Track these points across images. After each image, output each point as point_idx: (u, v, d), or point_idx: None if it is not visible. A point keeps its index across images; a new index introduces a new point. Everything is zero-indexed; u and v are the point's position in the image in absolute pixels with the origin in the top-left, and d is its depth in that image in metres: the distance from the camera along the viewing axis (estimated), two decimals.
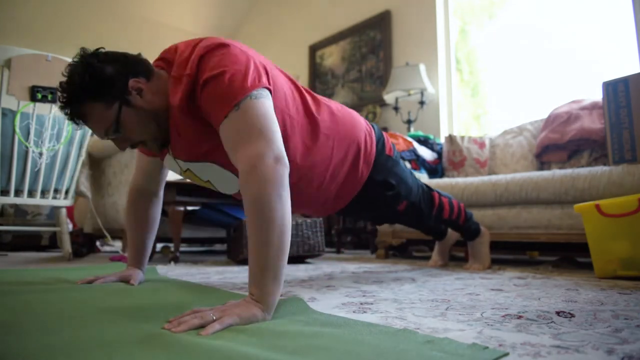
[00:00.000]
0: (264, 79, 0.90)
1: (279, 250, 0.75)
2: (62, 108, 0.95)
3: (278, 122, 0.89)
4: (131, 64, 0.96)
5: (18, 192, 2.09)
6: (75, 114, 0.95)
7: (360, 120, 1.27)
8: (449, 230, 1.86)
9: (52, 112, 2.08)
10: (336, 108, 1.20)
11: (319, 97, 1.18)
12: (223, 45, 0.92)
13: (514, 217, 1.92)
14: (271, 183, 0.77)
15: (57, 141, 2.14)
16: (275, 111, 0.90)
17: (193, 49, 0.94)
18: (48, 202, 2.18)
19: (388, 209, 1.39)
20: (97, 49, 0.98)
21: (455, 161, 2.65)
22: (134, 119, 0.96)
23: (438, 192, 1.57)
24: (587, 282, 1.29)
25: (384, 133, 1.38)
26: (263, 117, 0.84)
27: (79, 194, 2.50)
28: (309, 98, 1.12)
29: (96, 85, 0.91)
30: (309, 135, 1.09)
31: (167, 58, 1.02)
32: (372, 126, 1.33)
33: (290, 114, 1.03)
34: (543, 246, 2.22)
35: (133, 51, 1.03)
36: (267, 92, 0.90)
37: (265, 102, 0.87)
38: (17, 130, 2.01)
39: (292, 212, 0.86)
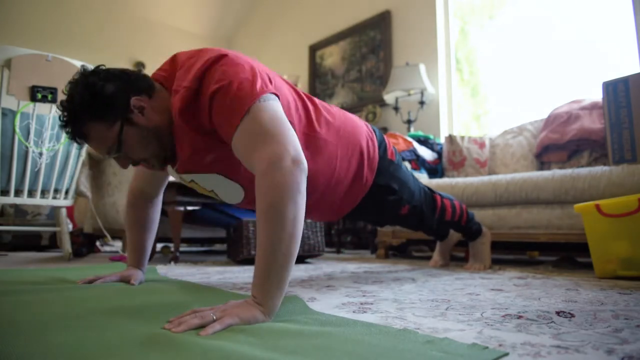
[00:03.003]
0: (270, 86, 0.90)
1: (287, 257, 0.74)
2: (62, 127, 0.93)
3: None
4: (132, 82, 0.95)
5: (18, 192, 2.09)
6: (77, 133, 0.93)
7: (361, 126, 1.26)
8: (451, 230, 1.86)
9: (52, 112, 2.08)
10: (337, 114, 1.19)
11: (320, 103, 1.17)
12: (225, 56, 0.91)
13: (514, 217, 1.92)
14: (286, 187, 0.75)
15: (57, 141, 2.14)
16: None
17: (195, 61, 0.93)
18: (48, 202, 2.18)
19: (391, 212, 1.39)
20: (98, 67, 0.97)
21: (455, 161, 2.65)
22: (136, 138, 0.94)
23: (440, 195, 1.56)
24: (587, 282, 1.29)
25: (385, 136, 1.38)
26: (275, 119, 0.83)
27: (79, 194, 2.50)
28: (310, 106, 1.11)
29: (97, 105, 0.90)
30: (312, 143, 1.08)
31: (167, 70, 1.01)
32: (374, 130, 1.33)
33: (294, 123, 1.02)
34: (543, 246, 2.22)
35: (133, 51, 1.03)
36: (275, 96, 0.89)
37: (274, 104, 0.86)
38: (17, 130, 2.01)
39: None
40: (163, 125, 0.96)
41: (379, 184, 1.27)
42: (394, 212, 1.39)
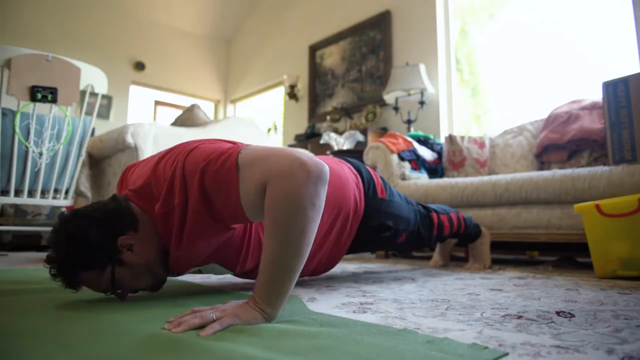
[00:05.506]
0: (245, 144, 0.87)
1: (292, 272, 0.73)
2: (54, 277, 0.87)
3: None
4: (115, 221, 0.87)
5: (18, 192, 2.09)
6: (70, 283, 0.88)
7: (347, 178, 1.21)
8: None
9: (52, 112, 2.08)
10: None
11: None
12: (190, 150, 0.88)
13: (514, 217, 1.92)
14: (296, 199, 0.71)
15: (57, 141, 2.14)
16: None
17: (171, 172, 0.86)
18: (48, 202, 2.18)
19: (388, 244, 1.39)
20: (77, 211, 0.89)
21: (455, 161, 2.65)
22: (129, 275, 0.89)
23: (436, 212, 1.53)
24: (587, 282, 1.29)
25: (372, 173, 1.34)
26: (266, 148, 0.80)
27: (79, 194, 2.49)
28: None
29: (84, 256, 0.84)
30: None
31: (143, 193, 0.93)
32: (359, 171, 1.29)
33: None
34: (543, 246, 2.22)
35: (133, 51, 1.02)
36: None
37: (257, 146, 0.84)
38: (17, 130, 2.01)
39: None
40: (153, 254, 0.91)
41: (372, 225, 1.25)
42: (391, 243, 1.38)
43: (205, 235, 0.89)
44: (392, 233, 1.31)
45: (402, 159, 2.48)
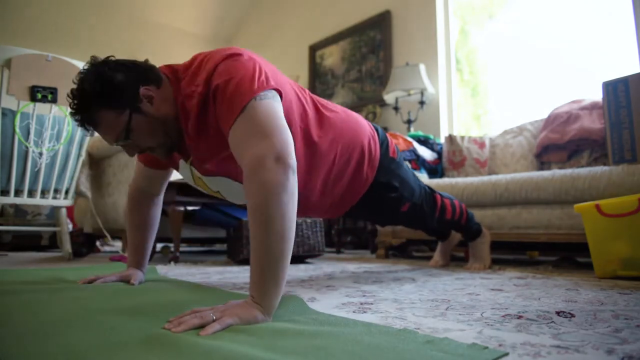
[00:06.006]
0: (272, 82, 0.90)
1: (279, 257, 0.74)
2: (72, 114, 0.95)
3: None
4: (142, 72, 0.97)
5: (18, 192, 2.09)
6: (86, 120, 0.95)
7: (364, 125, 1.27)
8: (452, 231, 1.86)
9: (52, 112, 2.09)
10: (340, 113, 1.20)
11: (323, 102, 1.18)
12: (232, 55, 0.93)
13: (514, 217, 1.92)
14: (270, 187, 0.75)
15: (57, 141, 2.14)
16: None
17: (207, 61, 0.94)
18: (48, 202, 2.18)
19: (391, 210, 1.40)
20: (108, 57, 0.98)
21: (455, 161, 2.65)
22: (144, 126, 0.97)
23: (440, 194, 1.57)
24: (587, 282, 1.29)
25: (387, 135, 1.38)
26: (269, 117, 0.83)
27: (79, 194, 2.50)
28: (311, 104, 1.12)
29: (107, 93, 0.92)
30: (313, 142, 1.09)
31: (176, 69, 1.02)
32: (376, 128, 1.34)
33: (294, 120, 1.02)
34: (543, 246, 2.22)
35: (133, 51, 1.03)
36: (275, 93, 0.90)
37: (271, 102, 0.86)
38: (17, 130, 2.01)
39: (298, 216, 0.85)
40: (170, 115, 0.98)
41: (380, 180, 1.28)
42: (394, 210, 1.39)
43: (214, 133, 0.95)
44: (397, 196, 1.34)
45: (402, 158, 2.48)
